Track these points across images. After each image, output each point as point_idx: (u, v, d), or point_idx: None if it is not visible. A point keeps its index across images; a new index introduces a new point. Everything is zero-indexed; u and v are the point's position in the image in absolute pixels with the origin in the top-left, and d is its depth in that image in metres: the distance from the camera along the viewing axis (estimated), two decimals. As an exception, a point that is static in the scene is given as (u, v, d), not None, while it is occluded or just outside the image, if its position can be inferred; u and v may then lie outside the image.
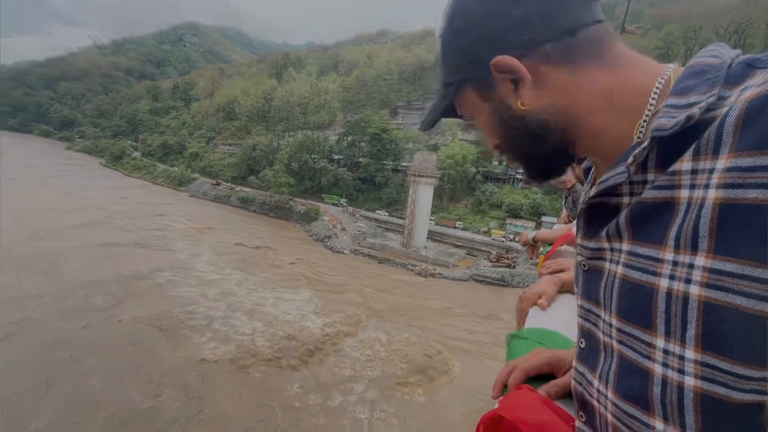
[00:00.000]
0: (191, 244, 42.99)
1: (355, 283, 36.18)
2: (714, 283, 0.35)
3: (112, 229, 44.69)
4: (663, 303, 0.39)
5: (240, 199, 67.39)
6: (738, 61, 0.40)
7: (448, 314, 31.28)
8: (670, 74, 0.46)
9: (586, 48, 0.49)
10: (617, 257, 0.46)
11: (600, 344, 0.50)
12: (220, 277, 34.06)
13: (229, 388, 19.72)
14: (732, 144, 0.34)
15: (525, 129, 0.55)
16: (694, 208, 0.37)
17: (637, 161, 0.43)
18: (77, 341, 22.34)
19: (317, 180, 68.47)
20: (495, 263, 44.01)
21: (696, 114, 0.38)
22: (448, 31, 0.56)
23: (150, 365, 20.79)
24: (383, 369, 22.71)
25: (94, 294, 28.20)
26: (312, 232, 53.42)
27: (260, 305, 29.28)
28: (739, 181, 0.33)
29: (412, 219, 47.75)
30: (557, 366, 0.73)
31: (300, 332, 25.71)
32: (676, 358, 0.38)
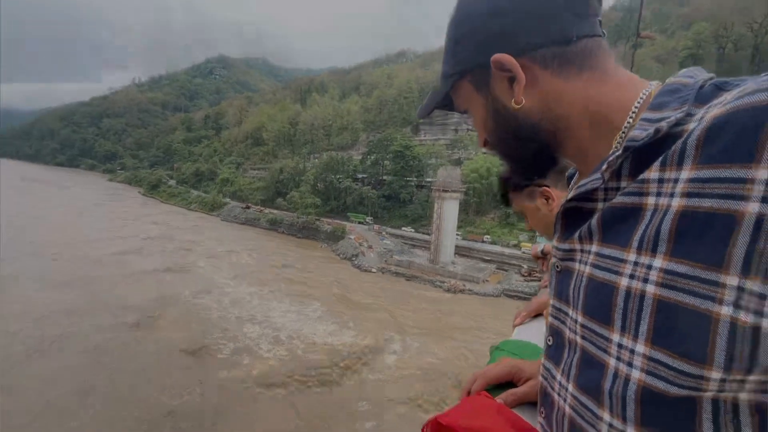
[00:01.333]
0: (218, 264, 44.21)
1: (383, 302, 35.82)
2: (668, 283, 0.37)
3: (148, 255, 46.72)
4: (622, 300, 0.41)
5: (269, 221, 69.08)
6: (709, 83, 0.44)
7: (477, 332, 30.29)
8: (651, 91, 0.49)
9: (580, 58, 0.52)
10: (586, 258, 0.48)
11: (565, 340, 0.52)
12: (247, 296, 34.66)
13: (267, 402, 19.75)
14: (695, 157, 0.37)
15: (515, 127, 0.57)
16: (659, 214, 0.39)
17: (611, 169, 0.46)
18: (115, 353, 23.45)
19: (342, 199, 69.33)
20: (527, 277, 42.51)
21: (664, 127, 0.42)
22: (454, 24, 0.58)
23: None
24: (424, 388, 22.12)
25: (128, 314, 29.34)
26: (339, 251, 53.74)
27: (287, 325, 29.46)
28: (699, 191, 0.36)
29: (438, 234, 47.19)
30: (517, 375, 0.77)
31: (334, 352, 25.56)
32: (627, 351, 0.41)
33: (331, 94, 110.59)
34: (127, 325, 28.14)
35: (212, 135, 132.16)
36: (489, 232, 55.27)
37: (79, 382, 21.11)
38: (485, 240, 53.97)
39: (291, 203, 67.10)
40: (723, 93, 0.41)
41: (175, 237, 56.92)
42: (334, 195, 70.29)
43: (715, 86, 0.43)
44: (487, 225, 56.97)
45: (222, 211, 79.33)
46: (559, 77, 0.52)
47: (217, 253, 49.90)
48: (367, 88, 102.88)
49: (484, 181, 56.21)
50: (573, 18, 0.51)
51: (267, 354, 25.32)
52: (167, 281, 37.91)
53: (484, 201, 57.83)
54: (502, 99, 0.56)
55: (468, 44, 0.57)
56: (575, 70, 0.52)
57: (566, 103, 0.53)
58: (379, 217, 65.61)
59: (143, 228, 61.86)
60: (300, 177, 74.90)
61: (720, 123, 0.36)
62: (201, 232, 62.08)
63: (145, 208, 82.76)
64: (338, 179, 70.53)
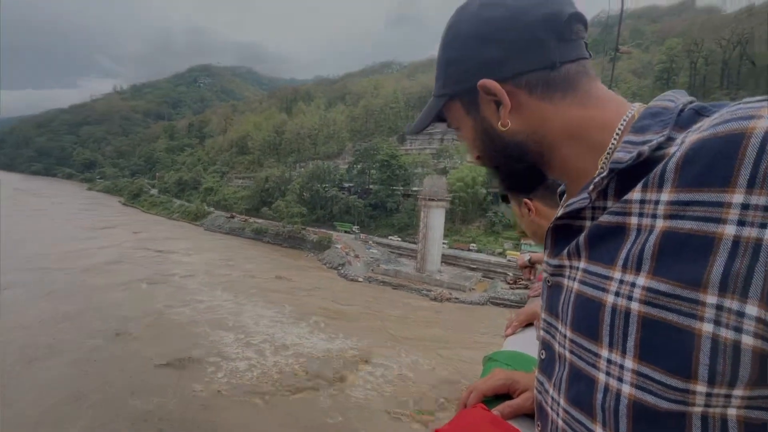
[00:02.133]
0: (200, 274, 43.27)
1: (369, 311, 35.58)
2: (651, 300, 0.39)
3: (128, 266, 45.43)
4: (608, 317, 0.43)
5: (254, 231, 68.18)
6: (689, 108, 0.46)
7: (462, 340, 30.31)
8: (633, 113, 0.51)
9: (564, 82, 0.54)
10: (574, 274, 0.50)
11: (556, 354, 0.54)
12: (230, 306, 33.94)
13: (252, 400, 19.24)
14: (674, 180, 0.39)
15: (503, 148, 0.60)
16: (643, 234, 0.41)
17: (598, 189, 0.48)
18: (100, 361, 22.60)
19: (329, 208, 69.05)
20: (512, 285, 42.91)
21: (645, 151, 0.44)
22: (443, 46, 0.61)
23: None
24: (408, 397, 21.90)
25: (106, 327, 28.33)
26: (325, 261, 53.34)
27: (272, 335, 28.92)
28: (680, 213, 0.38)
29: (424, 243, 47.34)
30: (512, 387, 0.78)
31: (317, 361, 25.16)
32: (617, 367, 0.42)
33: (317, 103, 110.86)
34: (107, 338, 27.15)
35: (196, 143, 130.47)
36: (475, 241, 55.75)
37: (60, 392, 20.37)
38: (471, 248, 54.39)
39: (276, 212, 66.46)
40: (701, 118, 0.43)
41: (156, 247, 55.57)
42: (320, 204, 69.98)
43: (694, 111, 0.45)
44: (473, 233, 57.49)
45: (206, 221, 77.96)
46: (543, 101, 0.54)
47: (200, 262, 48.87)
48: (354, 97, 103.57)
49: (469, 190, 56.90)
50: (557, 44, 0.53)
51: (249, 363, 24.74)
52: (148, 293, 36.86)
53: (470, 210, 58.44)
54: (490, 121, 0.59)
55: (456, 67, 0.59)
56: (559, 93, 0.54)
57: (551, 125, 0.55)
58: (366, 226, 65.52)
59: (123, 238, 60.22)
60: (286, 186, 74.40)
61: (697, 148, 0.38)
62: (184, 241, 60.79)
63: (125, 218, 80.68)
64: (324, 188, 70.32)
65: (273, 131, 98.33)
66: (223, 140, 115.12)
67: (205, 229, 74.29)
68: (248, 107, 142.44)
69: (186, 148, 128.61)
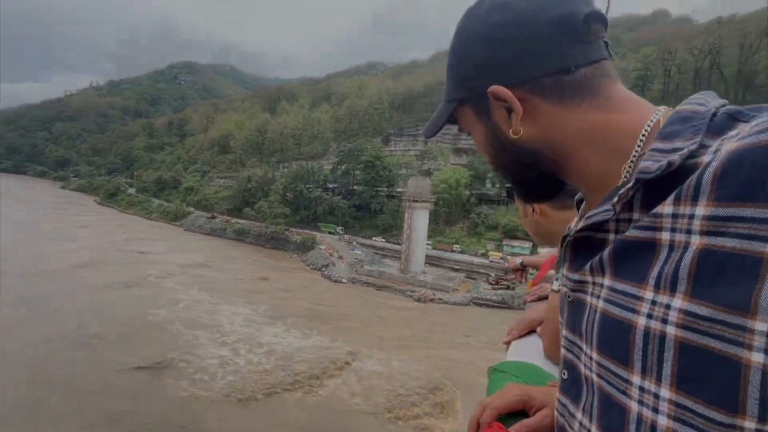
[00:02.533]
0: (179, 276, 42.30)
1: (352, 312, 35.48)
2: (690, 325, 0.35)
3: (102, 268, 44.00)
4: (641, 340, 0.39)
5: (236, 232, 67.08)
6: (722, 111, 0.42)
7: (446, 342, 30.58)
8: (659, 117, 0.48)
9: (579, 87, 0.51)
10: (598, 291, 0.47)
11: (582, 377, 0.50)
12: (213, 309, 33.29)
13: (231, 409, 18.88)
14: (710, 193, 0.35)
15: (515, 155, 0.58)
16: (677, 251, 0.38)
17: (623, 201, 0.44)
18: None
19: (313, 209, 68.58)
20: (494, 285, 43.56)
21: (677, 161, 0.40)
22: (452, 50, 0.59)
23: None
24: (386, 400, 21.91)
25: (80, 332, 27.36)
26: (309, 262, 52.94)
27: (250, 335, 28.50)
28: (720, 230, 0.34)
29: (408, 244, 47.55)
30: (528, 404, 0.73)
31: (296, 365, 24.92)
32: (651, 396, 0.39)
33: (301, 103, 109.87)
34: (79, 344, 26.19)
35: (176, 142, 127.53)
36: (458, 242, 56.34)
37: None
38: (455, 249, 54.93)
39: (259, 213, 65.57)
40: (737, 123, 0.40)
41: (133, 248, 54.00)
42: (304, 205, 69.42)
43: (728, 115, 0.41)
44: (457, 234, 58.08)
45: (186, 221, 76.24)
46: (558, 106, 0.52)
47: (179, 264, 47.75)
48: (338, 97, 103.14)
49: (453, 192, 57.47)
50: (572, 47, 0.51)
51: (230, 367, 24.30)
52: (124, 296, 35.77)
53: (453, 211, 59.03)
54: (502, 128, 0.57)
55: (466, 72, 0.58)
56: (576, 98, 0.51)
57: (567, 131, 0.52)
58: (350, 227, 65.35)
59: (98, 238, 58.30)
60: (269, 186, 73.51)
61: (737, 158, 0.34)
62: (162, 242, 59.27)
63: (100, 217, 78.12)
64: (308, 189, 69.80)
65: (256, 130, 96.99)
66: (205, 139, 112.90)
67: (185, 230, 72.63)
68: (230, 106, 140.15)
69: (165, 147, 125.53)
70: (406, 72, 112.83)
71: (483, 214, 57.10)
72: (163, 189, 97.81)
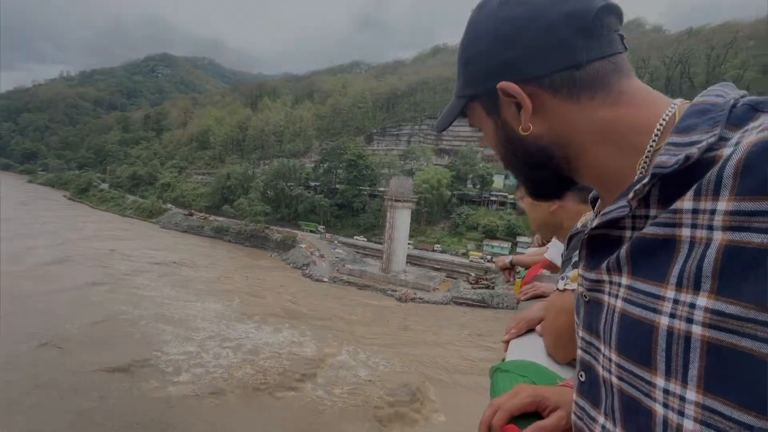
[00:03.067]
0: (153, 274, 41.15)
1: (333, 312, 35.34)
2: (717, 324, 0.34)
3: (74, 267, 42.32)
4: (664, 341, 0.38)
5: (214, 229, 65.67)
6: (742, 102, 0.41)
7: (430, 342, 30.87)
8: (675, 111, 0.47)
9: (590, 82, 0.50)
10: (616, 291, 0.46)
11: (600, 378, 0.49)
12: (189, 309, 32.53)
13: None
14: (733, 187, 0.34)
15: (524, 152, 0.57)
16: (698, 248, 0.37)
17: (638, 197, 0.43)
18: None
19: (294, 207, 67.88)
20: (474, 285, 44.24)
21: (695, 154, 0.39)
22: (463, 45, 0.58)
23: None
24: (364, 400, 21.94)
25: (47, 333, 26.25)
26: (289, 260, 52.40)
27: (221, 333, 28.02)
28: (744, 225, 0.33)
29: (390, 243, 47.72)
30: (542, 405, 0.71)
31: (276, 364, 24.65)
32: (676, 398, 0.37)
33: (283, 99, 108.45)
34: (46, 346, 25.10)
35: (152, 137, 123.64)
36: (439, 242, 56.91)
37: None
38: (436, 249, 55.47)
39: (239, 210, 64.42)
40: (759, 114, 0.38)
41: (105, 246, 52.11)
42: (285, 203, 68.61)
43: (749, 106, 0.40)
44: (438, 234, 58.65)
45: (162, 218, 74.11)
46: (569, 102, 0.51)
47: (152, 262, 46.40)
48: (321, 95, 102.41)
49: (434, 192, 58.00)
50: (584, 41, 0.50)
51: (206, 367, 23.82)
52: (97, 296, 34.49)
53: (435, 211, 59.58)
54: (511, 124, 0.56)
55: (475, 68, 0.57)
56: (587, 93, 0.51)
57: (579, 127, 0.52)
58: (332, 225, 65.03)
59: (67, 235, 55.97)
60: (249, 183, 72.28)
61: (760, 150, 0.33)
62: (137, 240, 57.43)
63: (70, 213, 74.95)
64: (289, 186, 69.01)
65: (236, 126, 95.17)
66: (183, 134, 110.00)
67: (161, 227, 70.61)
68: (210, 100, 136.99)
69: (141, 141, 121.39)
70: (389, 71, 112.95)
71: (464, 215, 57.86)
72: (139, 185, 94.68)
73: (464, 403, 21.68)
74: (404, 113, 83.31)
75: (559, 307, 0.94)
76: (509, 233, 52.46)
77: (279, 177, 69.71)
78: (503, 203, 58.57)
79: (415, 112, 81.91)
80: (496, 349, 26.47)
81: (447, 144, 73.58)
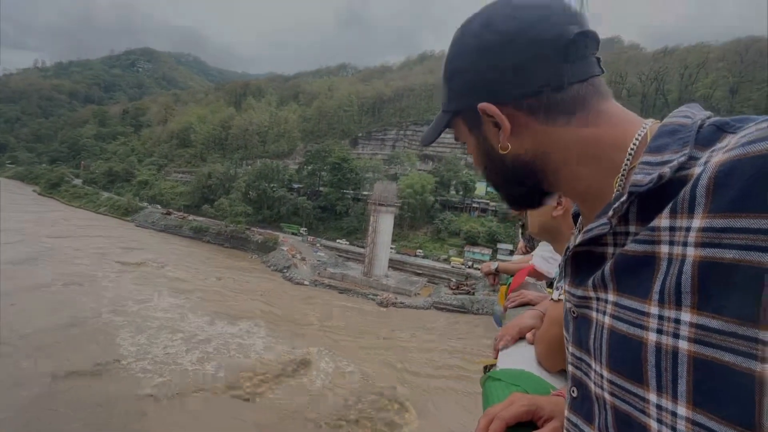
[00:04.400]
0: (126, 275, 39.82)
1: (312, 317, 34.96)
2: (702, 339, 0.35)
3: (42, 265, 40.53)
4: (653, 357, 0.39)
5: (192, 229, 64.12)
6: (708, 123, 0.43)
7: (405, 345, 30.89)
8: (647, 130, 0.49)
9: (567, 104, 0.52)
10: (603, 307, 0.47)
11: (592, 395, 0.49)
12: (161, 311, 31.59)
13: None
14: (706, 205, 0.36)
15: (503, 168, 0.59)
16: (675, 264, 0.38)
17: (618, 214, 0.45)
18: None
19: (276, 209, 67.02)
20: (455, 290, 44.61)
21: (667, 173, 0.40)
22: (449, 62, 0.60)
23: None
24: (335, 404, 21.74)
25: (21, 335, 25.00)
26: (270, 263, 51.62)
27: (207, 338, 27.34)
28: (716, 241, 0.34)
29: (373, 248, 47.67)
30: (537, 414, 0.71)
31: (250, 369, 24.17)
32: (669, 414, 0.38)
33: (268, 99, 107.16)
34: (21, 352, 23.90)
35: (130, 132, 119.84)
36: (422, 247, 57.21)
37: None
38: (418, 254, 55.72)
39: (219, 211, 63.17)
40: (724, 134, 0.40)
41: (77, 246, 50.13)
42: (267, 204, 67.67)
43: (715, 127, 0.42)
44: (420, 239, 58.96)
45: (138, 216, 71.86)
46: (547, 123, 0.53)
47: (127, 262, 44.89)
48: (307, 97, 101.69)
49: (418, 197, 58.38)
50: (560, 65, 0.51)
51: (184, 371, 23.14)
52: (67, 296, 33.09)
53: (418, 216, 59.92)
54: (491, 142, 0.58)
55: (457, 85, 0.59)
56: (565, 114, 0.52)
57: (556, 147, 0.54)
58: (314, 228, 64.50)
59: (34, 231, 53.56)
60: (230, 183, 71.02)
61: (728, 170, 0.35)
62: (110, 239, 55.49)
63: (40, 209, 71.77)
64: (272, 188, 68.15)
65: (219, 125, 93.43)
66: (162, 131, 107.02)
67: (137, 226, 68.46)
68: (192, 98, 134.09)
69: (119, 137, 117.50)
70: (376, 75, 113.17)
71: (446, 220, 58.42)
72: (114, 182, 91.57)
73: (440, 409, 21.78)
74: (390, 118, 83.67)
75: (552, 318, 0.94)
76: (490, 239, 53.24)
77: (262, 178, 68.77)
78: (485, 210, 59.45)
79: (400, 117, 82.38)
80: (472, 356, 26.51)
81: (431, 150, 74.19)
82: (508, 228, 52.40)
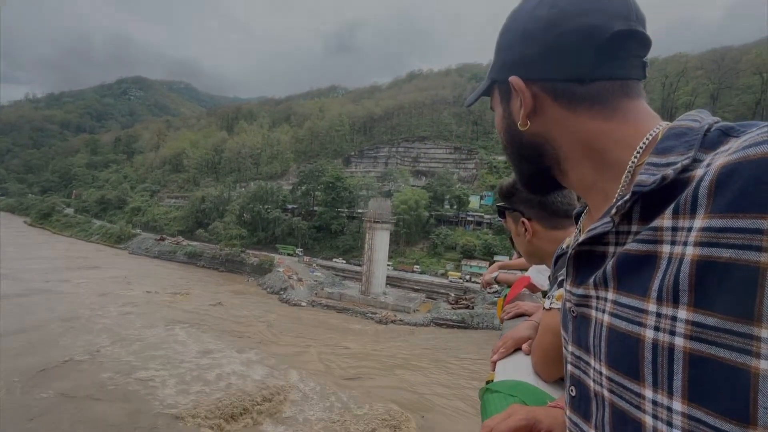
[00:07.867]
0: (119, 303, 39.07)
1: (308, 340, 34.34)
2: (698, 336, 0.36)
3: (22, 300, 39.70)
4: (650, 353, 0.40)
5: (187, 254, 63.46)
6: (715, 128, 0.44)
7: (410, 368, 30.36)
8: (658, 132, 0.50)
9: (592, 97, 0.53)
10: (603, 305, 0.47)
11: (591, 392, 0.50)
12: (160, 338, 30.89)
13: None
14: (707, 206, 0.36)
15: (519, 145, 0.62)
16: (674, 263, 0.38)
17: (621, 213, 0.46)
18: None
19: (271, 230, 66.74)
20: (454, 305, 44.22)
21: (670, 175, 0.41)
22: (502, 33, 0.62)
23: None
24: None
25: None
26: (266, 285, 50.98)
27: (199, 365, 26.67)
28: (713, 241, 0.35)
29: (369, 265, 47.40)
30: (536, 427, 0.71)
31: (243, 396, 23.53)
32: (664, 409, 0.38)
33: (260, 122, 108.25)
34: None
35: (123, 159, 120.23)
36: (418, 262, 57.01)
37: None
38: (415, 270, 55.45)
39: (214, 234, 62.80)
40: (729, 139, 0.41)
41: (68, 278, 49.30)
42: (262, 226, 67.40)
43: (721, 131, 0.43)
44: (417, 255, 58.82)
45: (131, 243, 71.10)
46: (566, 110, 0.54)
47: (119, 290, 44.11)
48: (299, 118, 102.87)
49: (413, 213, 58.53)
50: (593, 59, 0.52)
51: (178, 401, 22.46)
52: (63, 334, 32.32)
53: (414, 232, 59.94)
54: (515, 116, 0.60)
55: (501, 56, 0.61)
56: (584, 107, 0.53)
57: (569, 134, 0.55)
58: (310, 248, 64.18)
59: (15, 265, 52.66)
60: (224, 206, 70.89)
61: (729, 172, 0.36)
62: (103, 268, 54.67)
63: (28, 240, 70.75)
64: (267, 209, 68.00)
65: (212, 149, 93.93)
66: (155, 157, 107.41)
67: (131, 253, 67.61)
68: (185, 123, 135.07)
69: (111, 164, 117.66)
70: (366, 95, 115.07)
71: (442, 235, 58.47)
72: (107, 209, 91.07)
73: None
74: (381, 136, 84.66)
75: (545, 326, 0.95)
76: (486, 252, 53.25)
77: (256, 200, 68.74)
78: (480, 223, 59.68)
79: (392, 135, 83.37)
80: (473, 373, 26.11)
81: (424, 166, 74.99)
82: (503, 240, 52.52)
